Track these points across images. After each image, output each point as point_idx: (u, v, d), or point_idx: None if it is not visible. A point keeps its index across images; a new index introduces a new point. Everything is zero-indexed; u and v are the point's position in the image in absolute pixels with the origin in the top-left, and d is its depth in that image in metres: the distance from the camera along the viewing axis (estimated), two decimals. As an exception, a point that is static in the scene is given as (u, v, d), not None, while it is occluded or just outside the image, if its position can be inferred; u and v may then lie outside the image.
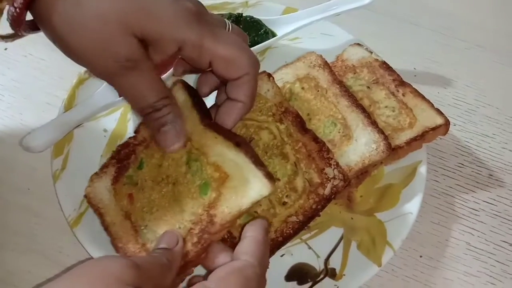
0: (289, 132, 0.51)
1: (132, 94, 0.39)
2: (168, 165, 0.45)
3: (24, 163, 0.58)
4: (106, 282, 0.30)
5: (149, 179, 0.46)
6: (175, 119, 0.41)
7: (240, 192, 0.40)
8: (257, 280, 0.35)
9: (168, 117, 0.40)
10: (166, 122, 0.41)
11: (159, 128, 0.41)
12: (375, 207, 0.54)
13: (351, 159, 0.51)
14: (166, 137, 0.41)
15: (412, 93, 0.58)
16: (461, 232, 0.55)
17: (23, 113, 0.62)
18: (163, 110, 0.40)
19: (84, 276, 0.31)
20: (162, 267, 0.36)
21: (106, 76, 0.39)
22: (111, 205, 0.46)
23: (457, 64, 0.69)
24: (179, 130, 0.41)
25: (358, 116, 0.53)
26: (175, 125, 0.41)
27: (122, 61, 0.37)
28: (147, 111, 0.40)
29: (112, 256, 0.34)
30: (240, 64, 0.42)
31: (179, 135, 0.41)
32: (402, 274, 0.52)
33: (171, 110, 0.40)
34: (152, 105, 0.39)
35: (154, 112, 0.40)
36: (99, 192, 0.47)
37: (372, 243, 0.51)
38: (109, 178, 0.47)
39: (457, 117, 0.64)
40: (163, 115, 0.40)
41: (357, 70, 0.60)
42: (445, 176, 0.59)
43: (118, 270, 0.31)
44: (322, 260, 0.51)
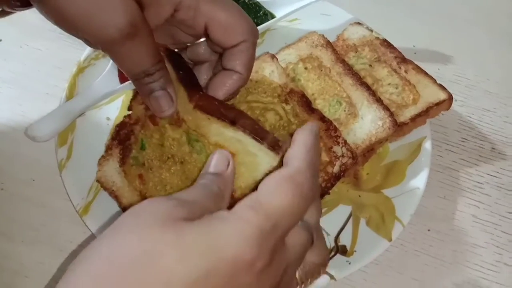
0: (295, 112, 0.51)
1: (129, 61, 0.37)
2: (170, 144, 0.44)
3: (27, 154, 0.57)
4: (160, 224, 0.27)
5: (154, 159, 0.45)
6: (166, 85, 0.39)
7: (250, 166, 0.39)
8: (309, 185, 0.32)
9: (160, 82, 0.39)
10: (157, 87, 0.39)
11: (151, 93, 0.39)
12: (382, 184, 0.54)
13: (358, 137, 0.52)
14: (158, 103, 0.39)
15: (414, 70, 0.58)
16: (466, 205, 0.56)
17: (23, 104, 0.61)
18: (155, 75, 0.38)
19: (132, 225, 0.28)
20: (214, 197, 0.33)
21: (105, 45, 0.37)
22: (124, 187, 0.46)
23: (456, 41, 0.69)
24: (170, 96, 0.40)
25: (363, 94, 0.53)
26: (167, 91, 0.39)
27: (124, 28, 0.35)
28: (138, 76, 0.38)
29: (156, 199, 0.30)
30: (238, 29, 0.40)
31: (170, 102, 0.40)
32: (411, 249, 0.53)
33: (162, 75, 0.39)
34: (146, 70, 0.38)
35: (146, 76, 0.38)
36: (110, 175, 0.47)
37: (381, 219, 0.52)
38: (116, 160, 0.47)
39: (458, 92, 0.64)
40: (154, 80, 0.38)
41: (358, 49, 0.60)
42: (449, 151, 0.60)
43: (168, 210, 0.29)
44: (332, 237, 0.51)
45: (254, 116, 0.51)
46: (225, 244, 0.27)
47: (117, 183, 0.47)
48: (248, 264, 0.27)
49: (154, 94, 0.39)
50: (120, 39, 0.35)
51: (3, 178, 0.56)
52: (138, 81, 0.39)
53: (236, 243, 0.27)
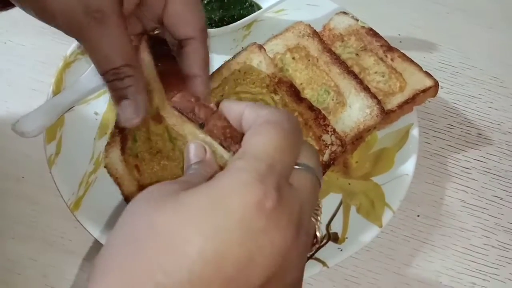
0: (284, 102, 0.51)
1: (96, 53, 0.36)
2: (156, 140, 0.44)
3: (16, 150, 0.56)
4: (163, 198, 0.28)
5: (145, 151, 0.45)
6: (135, 93, 0.37)
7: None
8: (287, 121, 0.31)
9: (129, 90, 0.37)
10: (126, 95, 0.37)
11: (119, 100, 0.38)
12: (371, 171, 0.55)
13: (346, 125, 0.52)
14: (123, 111, 0.38)
15: (400, 58, 0.58)
16: (454, 190, 0.57)
17: (8, 100, 0.61)
18: (124, 81, 0.37)
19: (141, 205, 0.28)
20: (205, 179, 0.33)
21: (73, 29, 0.36)
22: (125, 175, 0.46)
23: (441, 29, 0.70)
24: (137, 106, 0.38)
25: (350, 82, 0.54)
26: (135, 100, 0.37)
27: (91, 12, 0.34)
28: (110, 78, 0.37)
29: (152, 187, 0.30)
30: (189, 22, 0.40)
31: (137, 112, 0.38)
32: (401, 234, 0.54)
33: (133, 83, 0.37)
34: (115, 72, 0.36)
35: (116, 81, 0.37)
36: (115, 162, 0.46)
37: (371, 206, 0.52)
38: (118, 148, 0.47)
39: (443, 80, 0.65)
40: (124, 86, 0.37)
41: (344, 38, 0.60)
42: (436, 138, 0.61)
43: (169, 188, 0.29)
44: (324, 225, 0.52)
45: (243, 107, 0.51)
46: (227, 195, 0.26)
47: (119, 170, 0.46)
48: (256, 206, 0.26)
49: (122, 102, 0.38)
50: (87, 23, 0.35)
51: (-9, 176, 0.55)
52: (109, 84, 0.38)
53: (238, 190, 0.26)
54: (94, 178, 0.53)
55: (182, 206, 0.27)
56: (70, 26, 0.36)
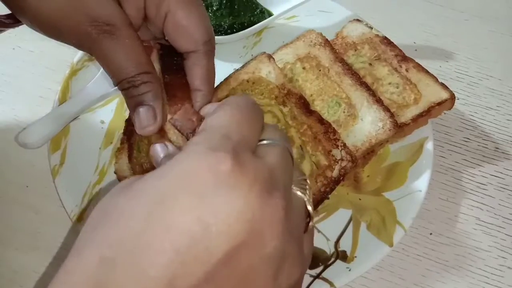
0: (293, 115, 0.50)
1: (109, 64, 0.36)
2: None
3: (21, 159, 0.56)
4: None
5: (148, 162, 0.43)
6: (153, 100, 0.36)
7: None
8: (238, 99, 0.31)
9: (146, 96, 0.36)
10: (142, 101, 0.36)
11: (135, 107, 0.37)
12: (383, 186, 0.53)
13: (358, 139, 0.50)
14: (140, 118, 0.37)
15: (415, 68, 0.56)
16: (469, 207, 0.55)
17: (16, 107, 0.60)
18: (141, 88, 0.36)
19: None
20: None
21: (83, 43, 0.35)
22: None
23: (457, 36, 0.68)
24: (155, 113, 0.37)
25: (363, 94, 0.52)
26: (152, 107, 0.36)
27: (101, 25, 0.34)
28: (125, 86, 0.36)
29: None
30: (188, 35, 0.38)
31: (154, 119, 0.37)
32: (413, 253, 0.52)
33: (150, 89, 0.36)
34: (130, 80, 0.36)
35: (132, 88, 0.36)
36: (124, 169, 0.45)
37: (382, 223, 0.50)
38: (126, 155, 0.46)
39: (460, 90, 0.63)
40: (140, 93, 0.36)
41: (358, 47, 0.58)
42: (451, 152, 0.58)
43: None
44: (332, 243, 0.50)
45: (251, 119, 0.50)
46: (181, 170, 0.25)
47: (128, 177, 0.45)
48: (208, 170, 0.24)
49: (138, 109, 0.36)
50: (97, 36, 0.34)
51: (-4, 184, 0.55)
52: (124, 92, 0.37)
53: (191, 161, 0.25)
54: (98, 189, 0.52)
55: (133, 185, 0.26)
56: (80, 41, 0.36)
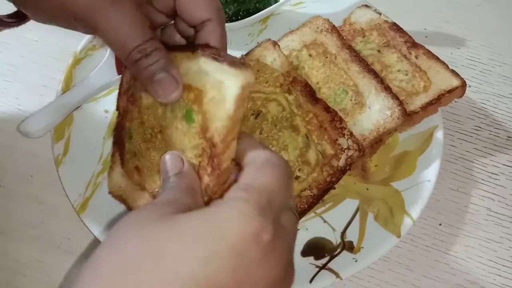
0: (299, 103, 0.49)
1: (115, 35, 0.35)
2: (147, 117, 0.40)
3: (25, 149, 0.56)
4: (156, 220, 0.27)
5: (141, 142, 0.42)
6: (168, 65, 0.36)
7: (220, 99, 0.34)
8: (284, 165, 0.33)
9: (160, 63, 0.35)
10: (159, 68, 0.35)
11: (152, 76, 0.35)
12: (391, 176, 0.52)
13: (365, 127, 0.49)
14: (162, 86, 0.35)
15: (425, 55, 0.55)
16: (480, 197, 0.53)
17: (20, 97, 0.60)
18: (153, 56, 0.35)
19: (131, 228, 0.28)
20: (187, 192, 0.33)
21: (86, 15, 0.35)
22: (127, 187, 0.44)
23: (469, 22, 0.66)
24: (175, 76, 0.35)
25: (370, 81, 0.51)
26: (170, 71, 0.35)
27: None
28: (135, 57, 0.35)
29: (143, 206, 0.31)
30: (202, 3, 0.38)
31: (177, 82, 0.35)
32: (421, 244, 0.51)
33: (163, 56, 0.36)
34: (140, 49, 0.35)
35: (144, 58, 0.35)
36: (117, 182, 0.45)
37: (390, 214, 0.49)
38: (119, 164, 0.45)
39: (472, 78, 0.61)
40: (153, 61, 0.35)
41: (366, 34, 0.57)
42: (462, 140, 0.57)
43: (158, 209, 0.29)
44: (339, 233, 0.49)
45: (255, 107, 0.49)
46: (225, 223, 0.27)
47: (123, 186, 0.45)
48: (253, 237, 0.27)
49: (156, 77, 0.35)
50: (101, 6, 0.34)
51: (1, 175, 0.55)
52: (135, 65, 0.36)
53: (238, 220, 0.27)
54: (102, 178, 0.51)
55: (178, 226, 0.27)
56: (85, 16, 0.35)
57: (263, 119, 0.48)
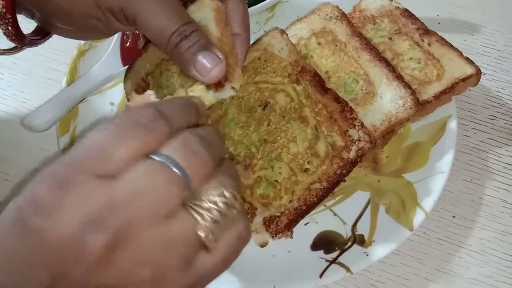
0: (308, 93, 0.47)
1: (154, 22, 0.35)
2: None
3: (31, 143, 0.55)
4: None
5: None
6: (208, 44, 0.36)
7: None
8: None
9: (200, 43, 0.35)
10: (200, 49, 0.35)
11: (193, 57, 0.35)
12: (403, 167, 0.51)
13: (376, 117, 0.48)
14: (206, 62, 0.35)
15: (438, 42, 0.53)
16: (495, 189, 0.52)
17: (25, 91, 0.59)
18: (192, 36, 0.35)
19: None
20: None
21: (124, 6, 0.35)
22: None
23: (484, 8, 0.64)
24: (217, 53, 0.36)
25: (382, 70, 0.49)
26: (211, 50, 0.36)
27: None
28: (176, 40, 0.35)
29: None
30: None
31: (219, 58, 0.36)
32: (434, 237, 0.50)
33: (202, 36, 0.36)
34: (180, 31, 0.35)
35: (184, 40, 0.35)
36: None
37: (402, 206, 0.48)
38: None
39: (486, 65, 0.59)
40: (194, 41, 0.35)
41: (377, 21, 0.55)
42: (476, 130, 0.55)
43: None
44: (349, 226, 0.48)
45: (263, 98, 0.48)
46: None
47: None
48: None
49: (199, 57, 0.35)
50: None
51: (7, 169, 0.55)
52: (176, 48, 0.35)
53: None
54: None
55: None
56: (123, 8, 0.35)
57: (271, 110, 0.47)
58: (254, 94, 0.48)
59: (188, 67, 0.36)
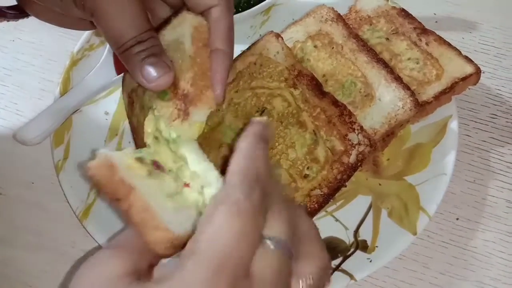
0: (305, 98, 0.46)
1: (113, 23, 0.34)
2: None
3: (26, 155, 0.54)
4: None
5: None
6: (160, 52, 0.35)
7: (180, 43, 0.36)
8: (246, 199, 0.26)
9: (154, 49, 0.35)
10: (150, 54, 0.35)
11: (143, 61, 0.34)
12: (405, 170, 0.50)
13: (376, 120, 0.47)
14: (154, 68, 0.34)
15: (436, 41, 0.53)
16: (499, 189, 0.51)
17: (18, 102, 0.58)
18: (148, 41, 0.35)
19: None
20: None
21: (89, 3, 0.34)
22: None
23: (481, 5, 0.63)
24: (167, 63, 0.35)
25: (380, 72, 0.49)
26: (161, 57, 0.35)
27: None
28: (130, 44, 0.34)
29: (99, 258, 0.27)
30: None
31: (168, 68, 0.35)
32: (438, 240, 0.49)
33: (156, 43, 0.35)
34: (136, 39, 0.34)
35: (138, 44, 0.34)
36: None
37: (405, 210, 0.47)
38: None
39: (485, 63, 0.58)
40: (148, 46, 0.35)
41: (373, 21, 0.54)
42: (477, 130, 0.55)
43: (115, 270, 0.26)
44: (351, 232, 0.47)
45: (260, 104, 0.47)
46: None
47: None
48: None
49: (148, 61, 0.34)
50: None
51: (1, 182, 0.54)
52: (127, 51, 0.34)
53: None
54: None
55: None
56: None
57: (268, 116, 0.46)
58: (250, 100, 0.47)
59: (135, 72, 0.35)
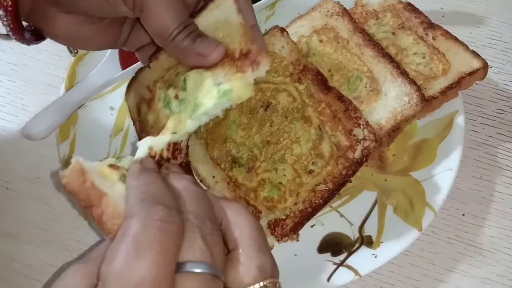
0: (310, 93, 0.46)
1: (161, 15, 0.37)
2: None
3: (31, 150, 0.55)
4: None
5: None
6: (203, 33, 0.38)
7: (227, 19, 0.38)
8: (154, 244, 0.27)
9: (197, 32, 0.38)
10: (197, 36, 0.38)
11: (195, 39, 0.37)
12: (410, 165, 0.50)
13: (382, 115, 0.47)
14: (206, 44, 0.37)
15: (443, 36, 0.52)
16: (506, 185, 0.51)
17: (24, 97, 0.59)
18: (192, 25, 0.38)
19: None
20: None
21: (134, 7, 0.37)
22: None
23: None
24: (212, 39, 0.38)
25: (386, 67, 0.48)
26: (206, 37, 0.38)
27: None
28: (177, 32, 0.37)
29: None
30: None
31: (217, 41, 0.37)
32: (444, 236, 0.49)
33: (196, 27, 0.38)
34: (181, 24, 0.37)
35: (185, 29, 0.37)
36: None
37: (410, 206, 0.47)
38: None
39: (493, 58, 0.58)
40: (193, 29, 0.38)
41: (379, 15, 0.54)
42: (484, 125, 0.54)
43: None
44: (356, 227, 0.47)
45: (264, 99, 0.47)
46: None
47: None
48: None
49: (198, 40, 0.37)
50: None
51: (7, 177, 0.54)
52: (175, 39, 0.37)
53: None
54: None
55: None
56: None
57: (273, 111, 0.46)
58: (255, 95, 0.47)
59: (188, 54, 0.38)
